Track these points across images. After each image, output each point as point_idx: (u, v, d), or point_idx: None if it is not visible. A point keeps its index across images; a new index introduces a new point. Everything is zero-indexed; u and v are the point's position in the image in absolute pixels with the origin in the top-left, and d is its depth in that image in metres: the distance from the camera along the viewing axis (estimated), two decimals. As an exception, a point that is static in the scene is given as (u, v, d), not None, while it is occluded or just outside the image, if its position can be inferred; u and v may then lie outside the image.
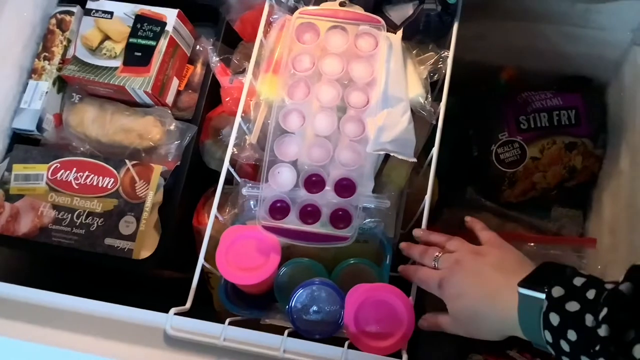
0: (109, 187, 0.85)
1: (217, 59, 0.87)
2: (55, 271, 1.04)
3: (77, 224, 0.85)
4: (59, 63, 0.92)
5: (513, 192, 1.00)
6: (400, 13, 0.77)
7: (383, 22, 0.75)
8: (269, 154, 0.72)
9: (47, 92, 0.91)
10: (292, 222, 0.70)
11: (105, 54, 0.90)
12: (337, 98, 0.73)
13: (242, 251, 0.69)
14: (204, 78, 0.92)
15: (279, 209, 0.71)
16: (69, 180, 0.87)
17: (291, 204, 0.71)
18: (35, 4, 0.94)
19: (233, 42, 0.95)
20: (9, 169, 0.88)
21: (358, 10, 0.77)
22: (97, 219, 0.85)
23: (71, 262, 1.02)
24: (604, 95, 1.00)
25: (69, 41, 0.93)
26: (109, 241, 0.84)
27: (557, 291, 0.51)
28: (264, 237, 0.69)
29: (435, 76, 0.78)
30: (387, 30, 0.75)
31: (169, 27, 0.89)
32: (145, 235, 0.84)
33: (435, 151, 0.73)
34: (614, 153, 0.95)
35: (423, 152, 0.79)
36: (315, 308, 0.67)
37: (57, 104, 0.93)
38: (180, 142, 0.88)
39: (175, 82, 0.91)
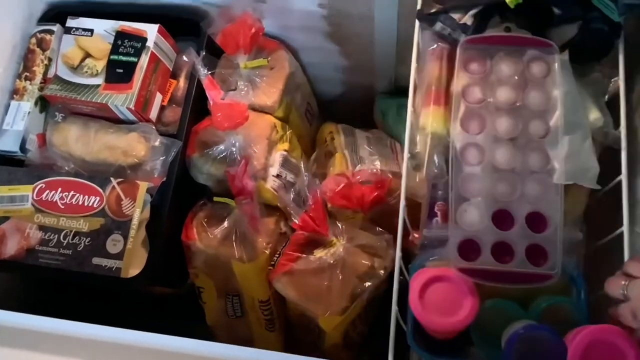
0: (94, 205, 0.85)
1: (206, 72, 0.86)
2: (47, 291, 1.04)
3: (64, 244, 0.84)
4: (41, 82, 0.91)
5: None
6: (564, 34, 0.73)
7: (554, 45, 0.70)
8: (453, 192, 0.68)
9: (29, 112, 0.90)
10: (487, 262, 0.66)
11: (86, 71, 0.90)
12: (515, 129, 0.69)
13: (436, 295, 0.65)
14: (187, 92, 0.92)
15: (470, 249, 0.67)
16: (54, 200, 0.86)
17: (482, 244, 0.67)
18: (15, 24, 0.93)
19: (215, 56, 0.95)
20: (-7, 192, 0.88)
21: (525, 34, 0.73)
22: (84, 239, 0.84)
23: (62, 282, 1.01)
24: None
25: (50, 60, 0.92)
26: (96, 260, 0.83)
27: None
28: (457, 279, 0.66)
29: (605, 97, 0.75)
30: None
31: (149, 43, 0.88)
32: (133, 253, 0.83)
33: (624, 178, 0.70)
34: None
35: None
36: (531, 354, 0.61)
37: (40, 123, 0.92)
38: (165, 158, 0.87)
39: (158, 98, 0.91)
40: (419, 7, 0.78)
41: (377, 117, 1.12)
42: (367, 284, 0.85)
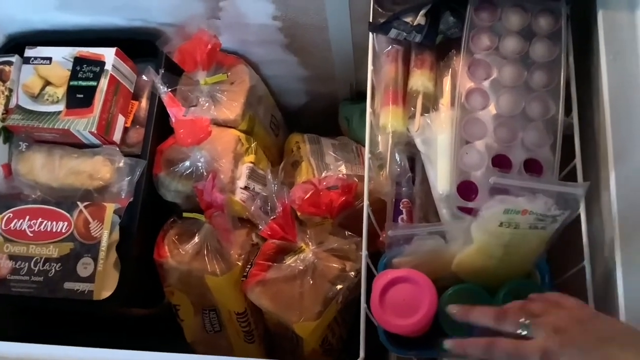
0: (63, 231, 0.85)
1: (165, 90, 0.87)
2: (23, 319, 1.03)
3: (35, 271, 0.84)
4: (3, 113, 0.92)
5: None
6: None
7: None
8: (456, 135, 0.71)
9: (-7, 144, 0.91)
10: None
11: (47, 99, 0.90)
12: (519, 77, 0.72)
13: (396, 296, 0.65)
14: (148, 111, 0.93)
15: (469, 190, 0.69)
16: (22, 229, 0.86)
17: (480, 185, 0.69)
18: (-27, 57, 0.94)
19: (175, 74, 0.96)
20: (-39, 225, 0.88)
21: None
22: (55, 264, 0.84)
23: (38, 309, 1.01)
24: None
25: (11, 91, 0.93)
26: (68, 285, 0.83)
27: None
28: (418, 279, 0.66)
29: None
30: None
31: (108, 66, 0.90)
32: (105, 275, 0.83)
33: (578, 163, 0.72)
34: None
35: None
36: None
37: (4, 154, 0.93)
38: (131, 178, 0.88)
39: (121, 120, 0.92)
40: (370, 19, 0.80)
41: (342, 123, 1.14)
42: (339, 286, 0.85)
